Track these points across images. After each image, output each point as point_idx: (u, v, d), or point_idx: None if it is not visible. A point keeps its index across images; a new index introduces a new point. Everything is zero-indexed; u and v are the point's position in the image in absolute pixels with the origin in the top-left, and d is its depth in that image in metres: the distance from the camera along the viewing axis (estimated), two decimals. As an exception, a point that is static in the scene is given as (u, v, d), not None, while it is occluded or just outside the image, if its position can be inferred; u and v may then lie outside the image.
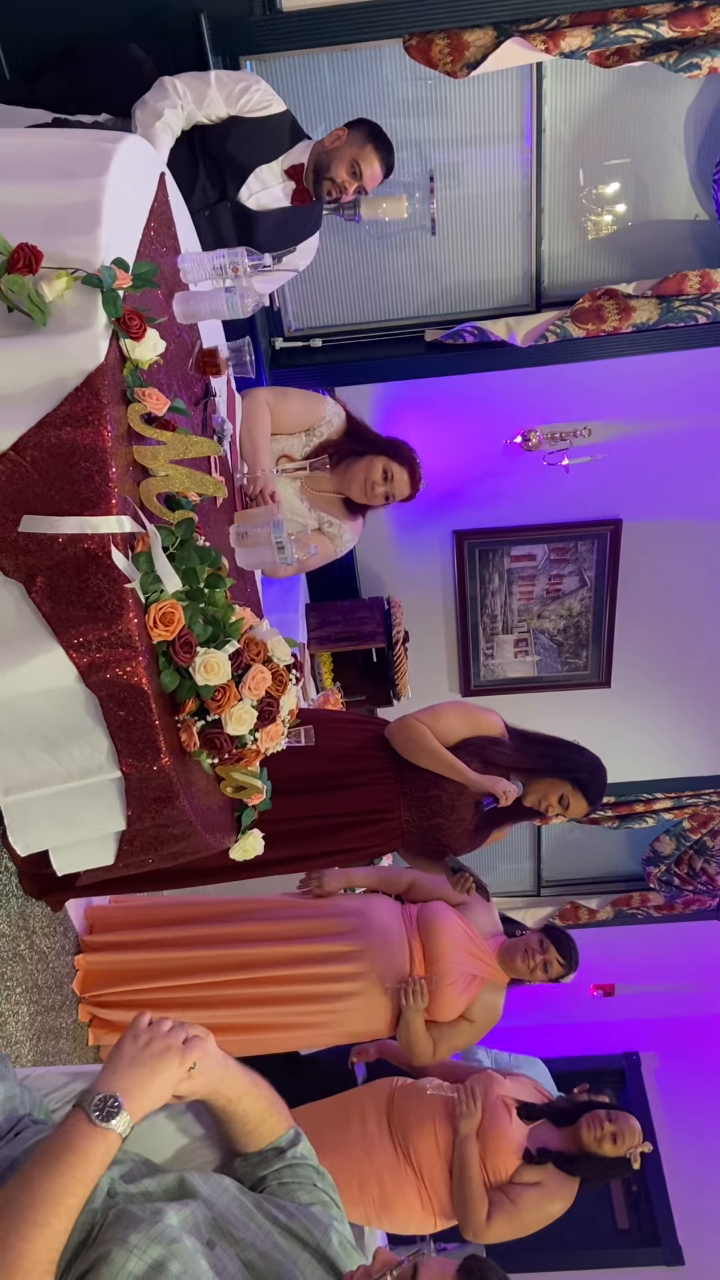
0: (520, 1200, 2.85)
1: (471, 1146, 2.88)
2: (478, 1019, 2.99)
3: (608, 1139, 2.91)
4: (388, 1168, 2.93)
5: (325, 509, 3.10)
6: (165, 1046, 1.27)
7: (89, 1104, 1.19)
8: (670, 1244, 4.86)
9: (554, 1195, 2.88)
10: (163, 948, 3.09)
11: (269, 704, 1.86)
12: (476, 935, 3.03)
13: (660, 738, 5.00)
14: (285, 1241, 1.28)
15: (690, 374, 4.06)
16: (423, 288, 4.05)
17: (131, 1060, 1.25)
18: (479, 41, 3.20)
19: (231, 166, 2.83)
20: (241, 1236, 1.25)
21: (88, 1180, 1.15)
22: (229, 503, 2.36)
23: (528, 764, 2.67)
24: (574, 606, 4.69)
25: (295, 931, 3.07)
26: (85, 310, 1.55)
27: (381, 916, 3.07)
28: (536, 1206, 2.86)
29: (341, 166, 2.88)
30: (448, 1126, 2.95)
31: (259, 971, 3.00)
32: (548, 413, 4.19)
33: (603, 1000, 5.86)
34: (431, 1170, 2.92)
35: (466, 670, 4.83)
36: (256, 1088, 1.42)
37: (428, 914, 3.04)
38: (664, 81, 3.58)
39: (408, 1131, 2.96)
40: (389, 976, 2.95)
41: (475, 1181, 2.85)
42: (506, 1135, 2.91)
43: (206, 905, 3.21)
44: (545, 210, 3.86)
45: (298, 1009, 2.99)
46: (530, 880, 5.73)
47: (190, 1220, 1.20)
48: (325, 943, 3.02)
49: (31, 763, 1.62)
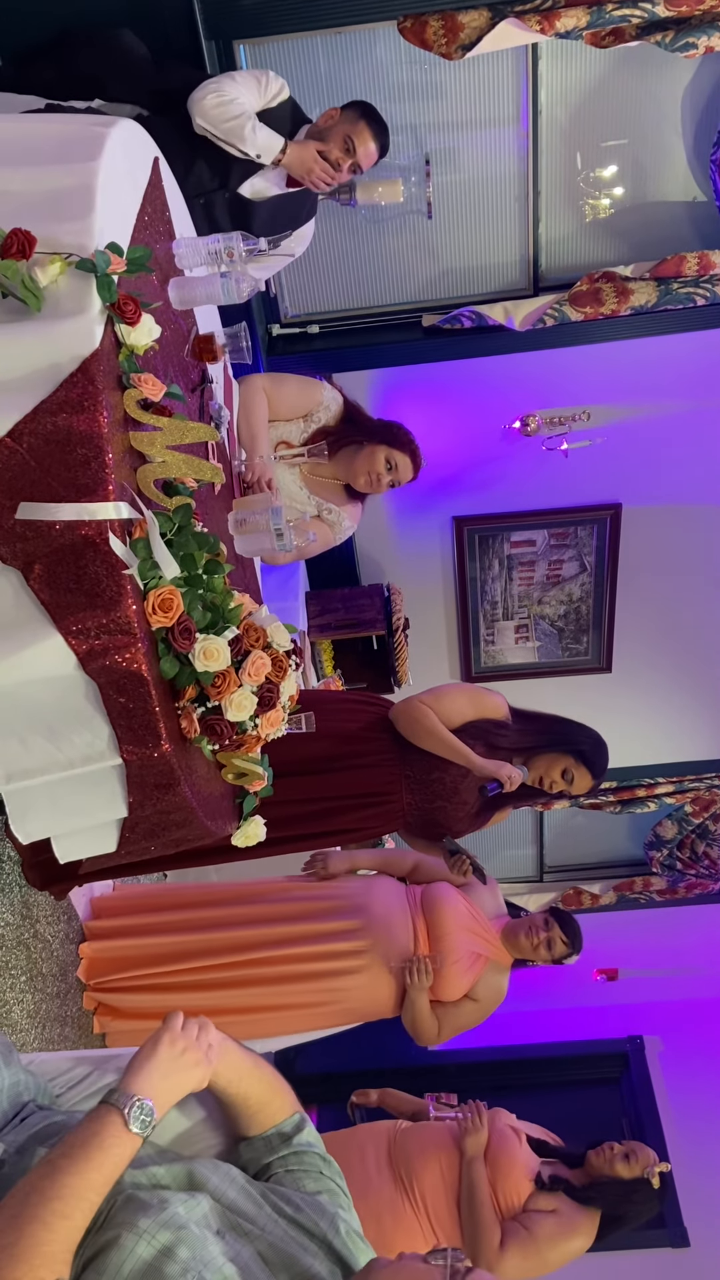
0: (537, 1230, 2.64)
1: (479, 1167, 2.71)
2: (482, 998, 2.99)
3: (619, 1159, 2.78)
4: (386, 1206, 2.75)
5: (324, 495, 3.10)
6: (197, 1060, 1.29)
7: (126, 1106, 1.19)
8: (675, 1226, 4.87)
9: (573, 1228, 2.67)
10: (166, 932, 3.10)
11: (269, 690, 1.86)
12: (481, 915, 3.04)
13: (661, 722, 5.01)
14: (294, 1232, 1.28)
15: (689, 356, 4.05)
16: (419, 272, 4.04)
17: (168, 1069, 1.26)
18: (473, 22, 3.18)
19: (243, 162, 2.81)
20: (250, 1228, 1.25)
21: (112, 1178, 1.16)
22: (227, 490, 2.36)
23: (530, 741, 2.67)
24: (574, 592, 4.68)
25: (299, 912, 3.08)
26: (80, 295, 1.54)
27: (385, 896, 3.08)
28: (554, 1238, 2.64)
29: (334, 143, 2.86)
30: (453, 1152, 2.79)
31: (263, 952, 3.00)
32: (546, 397, 4.18)
33: (606, 985, 5.87)
34: (436, 1201, 2.74)
35: (467, 656, 4.83)
36: (259, 1069, 1.42)
37: (432, 894, 3.05)
38: (660, 62, 3.56)
39: (410, 1162, 2.80)
40: (393, 955, 2.96)
41: (485, 1205, 2.65)
42: (516, 1158, 2.76)
43: (209, 889, 3.22)
44: (542, 193, 3.84)
45: (302, 987, 3.00)
46: (533, 866, 5.74)
47: (198, 1211, 1.21)
48: (329, 921, 3.03)
49: (32, 750, 1.62)
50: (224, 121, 2.71)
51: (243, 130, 2.72)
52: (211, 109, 2.69)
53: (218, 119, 2.70)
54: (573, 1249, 2.67)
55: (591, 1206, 2.72)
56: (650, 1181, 2.77)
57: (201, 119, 2.71)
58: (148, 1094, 1.21)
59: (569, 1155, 2.89)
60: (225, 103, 2.69)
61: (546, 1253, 2.63)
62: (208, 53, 3.22)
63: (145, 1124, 1.19)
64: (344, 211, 3.76)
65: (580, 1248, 2.68)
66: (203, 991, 3.00)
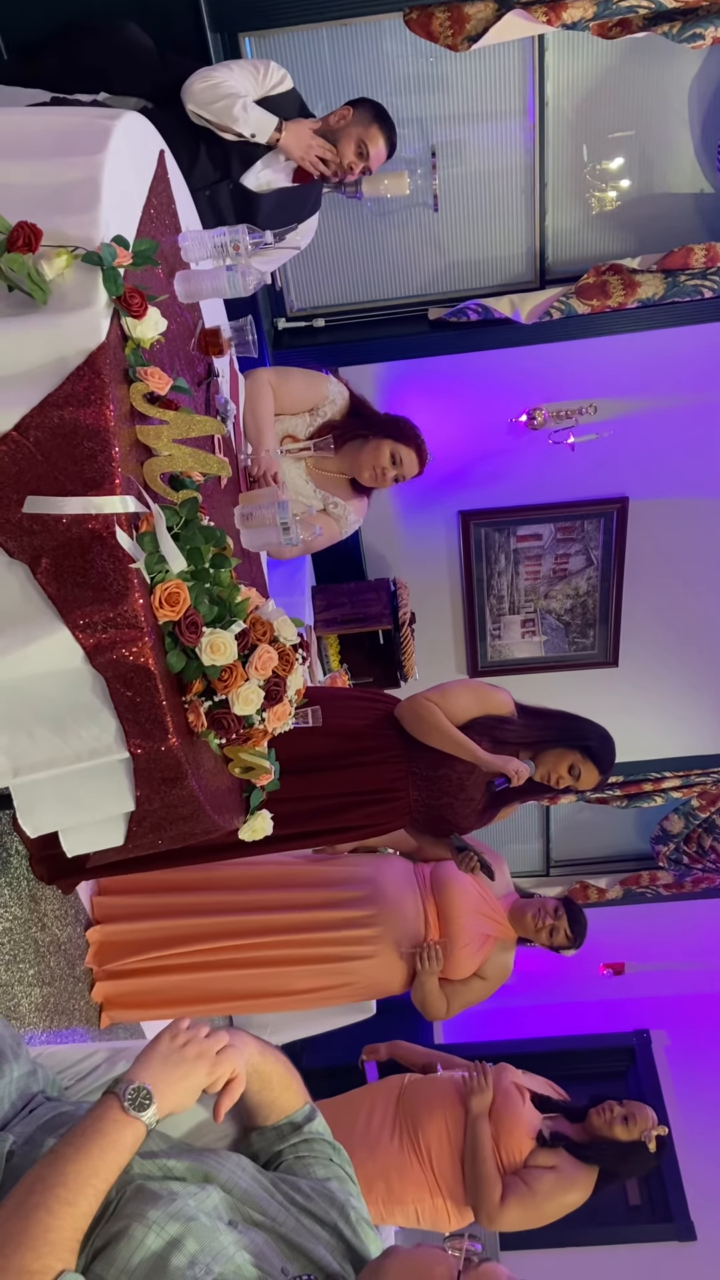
0: (536, 1185, 2.77)
1: (484, 1125, 2.83)
2: (490, 976, 3.05)
3: (618, 1121, 2.86)
4: (393, 1162, 2.87)
5: (330, 489, 3.09)
6: (200, 1052, 1.28)
7: (122, 1092, 1.20)
8: (682, 1219, 4.88)
9: (571, 1183, 2.79)
10: (175, 915, 3.11)
11: (276, 684, 1.86)
12: (489, 895, 3.07)
13: (668, 716, 5.00)
14: (305, 1221, 1.29)
15: (696, 349, 4.03)
16: (426, 265, 4.03)
17: (166, 1057, 1.27)
18: (480, 14, 3.17)
19: (241, 148, 2.81)
20: (262, 1219, 1.26)
21: (116, 1165, 1.16)
22: (233, 484, 2.35)
23: (536, 737, 2.67)
24: (581, 586, 4.68)
25: (310, 899, 3.09)
26: (86, 288, 1.54)
27: (395, 879, 3.11)
28: (553, 1193, 2.77)
29: (349, 147, 2.87)
30: (458, 1108, 2.91)
31: (273, 935, 3.03)
32: (552, 390, 4.16)
33: (613, 978, 5.88)
34: (440, 1155, 2.86)
35: (473, 651, 4.82)
36: (278, 1063, 1.42)
37: (441, 875, 3.08)
38: (667, 53, 3.54)
39: (417, 1117, 2.92)
40: (404, 939, 3.00)
41: (488, 1162, 2.79)
42: (519, 1116, 2.87)
43: (218, 871, 3.22)
44: (549, 185, 3.83)
45: (314, 969, 3.03)
46: (539, 860, 5.74)
47: (209, 1203, 1.21)
48: (341, 910, 3.05)
49: (40, 744, 1.62)
50: (213, 103, 2.69)
51: (232, 110, 2.70)
52: (200, 93, 2.68)
53: (207, 101, 2.69)
54: (569, 1202, 2.79)
55: (590, 1163, 2.82)
56: (648, 1145, 2.85)
57: (192, 104, 2.70)
58: (146, 1080, 1.22)
59: (571, 1110, 2.98)
60: (213, 85, 2.68)
61: (544, 1205, 2.76)
62: (213, 45, 3.21)
63: (143, 1107, 1.19)
64: (350, 204, 3.75)
65: (577, 1201, 2.80)
66: (213, 972, 3.02)
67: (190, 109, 2.71)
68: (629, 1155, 2.85)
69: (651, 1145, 2.86)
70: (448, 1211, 2.90)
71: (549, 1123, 2.92)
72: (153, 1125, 1.21)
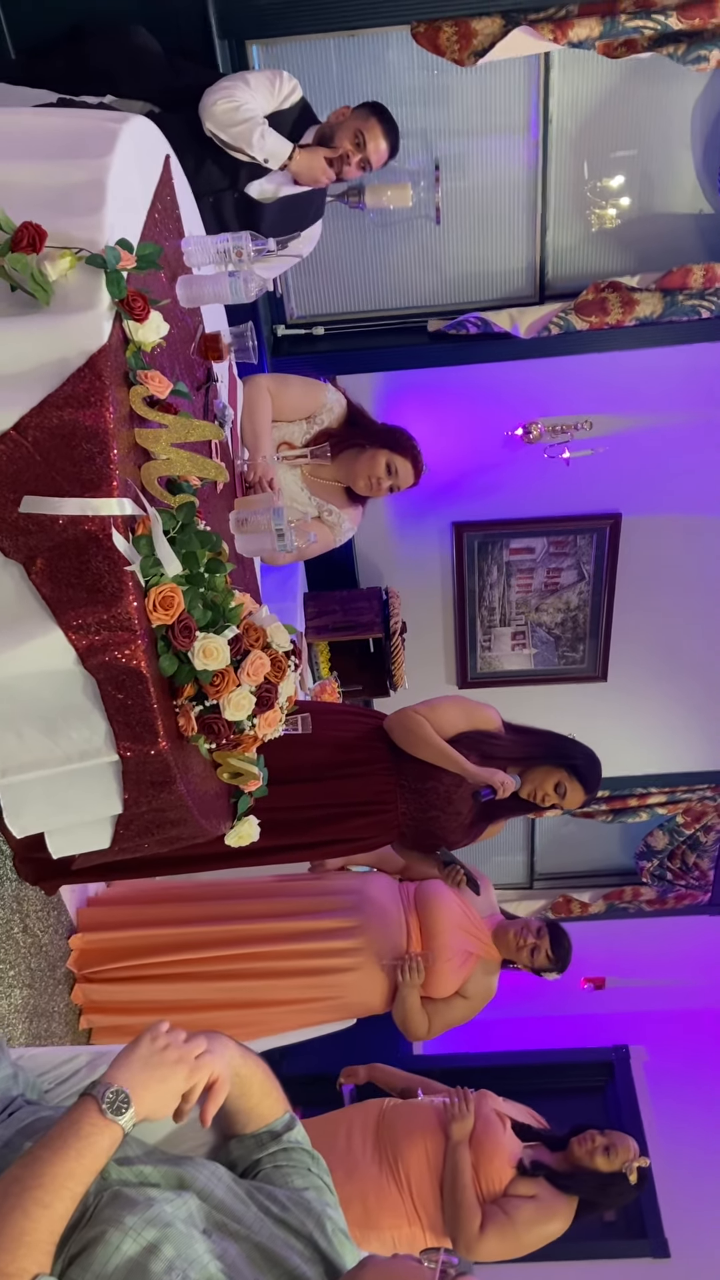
0: (516, 1214, 2.73)
1: (464, 1152, 2.79)
2: (472, 995, 3.03)
3: (600, 1151, 2.82)
4: (371, 1186, 2.83)
5: (326, 497, 3.10)
6: (179, 1057, 1.27)
7: (100, 1095, 1.19)
8: (657, 1236, 4.87)
9: (551, 1213, 2.76)
10: (159, 924, 3.10)
11: (267, 690, 1.86)
12: (473, 913, 3.06)
13: (656, 732, 5.01)
14: (280, 1231, 1.28)
15: (693, 368, 4.06)
16: (426, 277, 4.04)
17: (145, 1060, 1.26)
18: (487, 29, 3.19)
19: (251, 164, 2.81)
20: (237, 1228, 1.25)
21: (92, 1168, 1.15)
22: (229, 489, 2.35)
23: (524, 754, 2.68)
24: (572, 600, 4.69)
25: (294, 909, 3.09)
26: (89, 290, 1.54)
27: (379, 894, 3.10)
28: (532, 1222, 2.74)
29: (345, 136, 2.87)
30: (439, 1135, 2.86)
31: (257, 947, 3.01)
32: (549, 405, 4.18)
33: (593, 993, 5.88)
34: (420, 1182, 2.82)
35: (464, 662, 4.83)
36: (258, 1069, 1.41)
37: (425, 892, 3.07)
38: (671, 74, 3.57)
39: (397, 1143, 2.87)
40: (387, 953, 2.99)
41: (467, 1190, 2.74)
42: (500, 1144, 2.83)
43: (204, 884, 3.22)
44: (550, 202, 3.85)
45: (295, 982, 3.01)
46: (523, 873, 5.74)
47: (185, 1210, 1.20)
48: (323, 919, 3.05)
49: (29, 744, 1.61)
50: (232, 127, 2.71)
51: (250, 136, 2.72)
52: (220, 115, 2.70)
53: (226, 124, 2.71)
54: (549, 1232, 2.76)
55: (570, 1193, 2.79)
56: (629, 1176, 2.82)
57: (211, 123, 2.72)
58: (124, 1083, 1.21)
59: (552, 1139, 2.94)
60: (234, 108, 2.70)
61: (523, 1235, 2.73)
62: (220, 52, 3.22)
63: (120, 1110, 1.18)
64: (352, 214, 3.77)
65: (556, 1231, 2.77)
66: (194, 983, 3.01)
67: (207, 127, 2.72)
68: (609, 1186, 2.82)
69: (633, 1177, 2.83)
70: (425, 1240, 2.85)
71: (529, 1151, 2.88)
72: (129, 1129, 1.20)
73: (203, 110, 2.71)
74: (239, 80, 2.78)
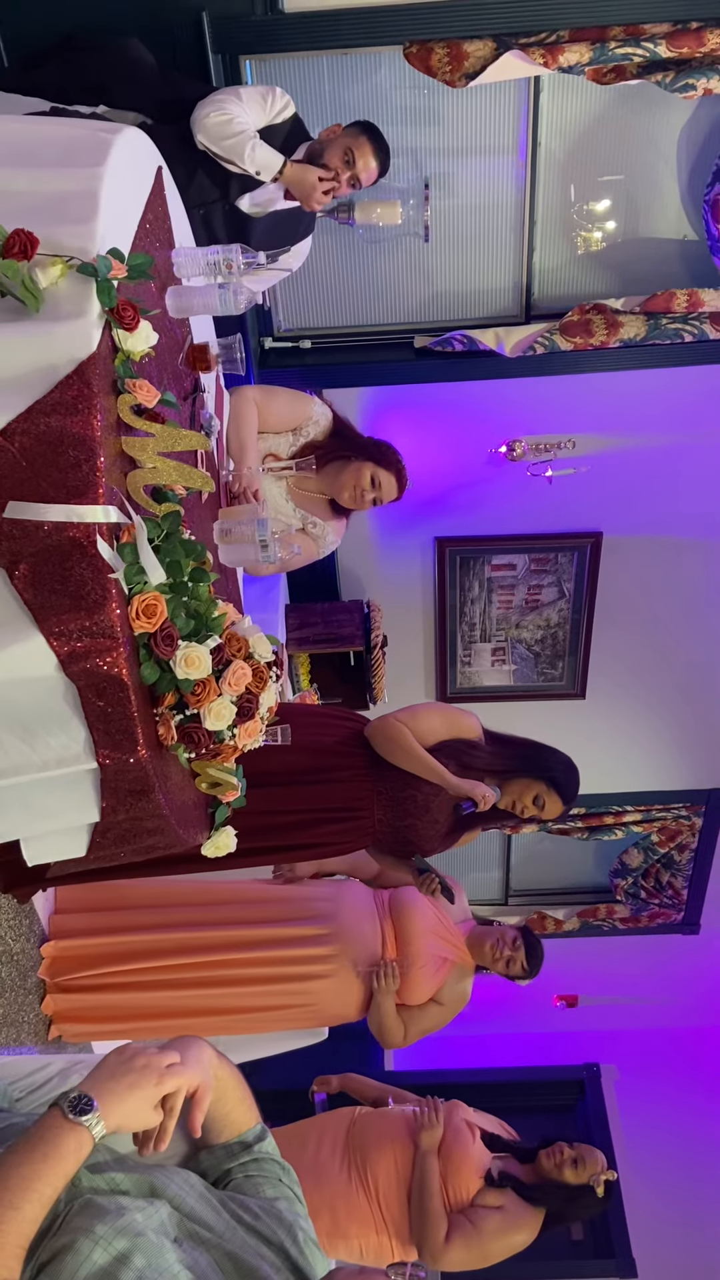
0: (482, 1225, 2.74)
1: (432, 1162, 2.80)
2: (447, 1002, 3.03)
3: (568, 1164, 2.84)
4: (340, 1195, 2.84)
5: (309, 509, 3.11)
6: (146, 1064, 1.28)
7: (64, 1100, 1.20)
8: (624, 1256, 4.87)
9: (517, 1224, 2.77)
10: (132, 930, 3.08)
11: (248, 700, 1.86)
12: (447, 919, 3.07)
13: (632, 751, 5.04)
14: (252, 1240, 1.28)
15: (675, 391, 4.10)
16: (414, 294, 4.07)
17: (113, 1070, 1.26)
18: (478, 52, 3.23)
19: (242, 176, 2.83)
20: (209, 1236, 1.25)
21: (60, 1172, 1.15)
22: (214, 499, 2.36)
23: (503, 765, 2.68)
24: (552, 617, 4.72)
25: (268, 915, 3.08)
26: (79, 298, 1.55)
27: (353, 900, 3.10)
28: (499, 1233, 2.75)
29: (335, 154, 2.89)
30: (408, 1144, 2.87)
31: (231, 954, 3.00)
32: (533, 423, 4.21)
33: (565, 1011, 5.89)
34: (388, 1190, 2.83)
35: (443, 677, 4.84)
36: (231, 1076, 1.41)
37: (399, 898, 3.08)
38: (659, 101, 3.62)
39: (366, 1151, 2.88)
40: (361, 959, 2.99)
41: (435, 1198, 2.75)
42: (469, 1154, 2.84)
43: (177, 888, 3.20)
44: (537, 223, 3.89)
45: (269, 989, 3.00)
46: (498, 889, 5.74)
47: (156, 1219, 1.20)
48: (297, 925, 3.04)
49: (7, 751, 1.61)
50: (224, 139, 2.74)
51: (242, 150, 2.74)
52: (213, 127, 2.72)
53: (218, 137, 2.73)
54: (515, 1244, 2.77)
55: (537, 1205, 2.80)
56: (596, 1189, 2.83)
57: (203, 136, 2.74)
58: (89, 1090, 1.22)
59: (521, 1150, 2.95)
60: (226, 121, 2.72)
61: (489, 1246, 2.74)
62: (214, 66, 3.24)
63: (83, 1111, 1.19)
64: (342, 230, 3.79)
65: (522, 1242, 2.78)
66: (168, 990, 2.99)
67: (199, 139, 2.74)
68: (576, 1199, 2.84)
69: (600, 1190, 2.84)
70: (392, 1249, 2.86)
71: (498, 1162, 2.90)
72: (99, 1134, 1.20)
73: (195, 122, 2.73)
74: (232, 94, 2.80)
